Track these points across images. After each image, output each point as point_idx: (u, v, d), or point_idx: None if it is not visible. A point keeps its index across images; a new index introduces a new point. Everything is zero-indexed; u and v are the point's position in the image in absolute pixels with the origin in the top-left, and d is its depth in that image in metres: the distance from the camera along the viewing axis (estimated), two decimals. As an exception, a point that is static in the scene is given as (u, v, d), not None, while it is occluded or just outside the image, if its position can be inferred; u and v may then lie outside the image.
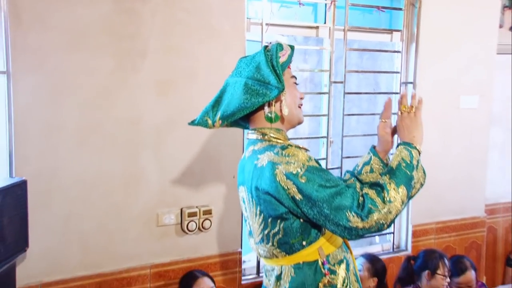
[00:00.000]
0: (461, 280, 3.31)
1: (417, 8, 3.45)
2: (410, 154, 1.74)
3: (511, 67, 4.13)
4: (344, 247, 1.85)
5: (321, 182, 1.62)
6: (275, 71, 1.76)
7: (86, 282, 2.49)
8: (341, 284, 1.77)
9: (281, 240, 1.74)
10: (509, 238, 4.35)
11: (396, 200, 1.61)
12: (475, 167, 3.77)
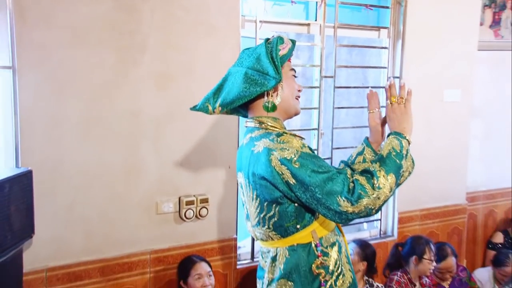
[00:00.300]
0: (442, 266, 3.37)
1: (403, 7, 3.46)
2: (400, 143, 1.73)
3: (491, 63, 4.18)
4: (336, 231, 1.86)
5: (314, 168, 1.62)
6: (274, 63, 1.76)
7: (89, 267, 2.49)
8: (333, 266, 1.78)
9: (276, 223, 1.75)
10: (489, 223, 4.39)
11: (385, 187, 1.61)
12: (457, 157, 3.81)
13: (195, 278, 2.59)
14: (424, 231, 3.68)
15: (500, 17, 4.18)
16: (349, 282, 1.82)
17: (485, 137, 4.28)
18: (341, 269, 1.81)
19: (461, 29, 3.72)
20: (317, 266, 1.76)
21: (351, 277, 1.84)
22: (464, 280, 3.57)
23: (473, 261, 4.26)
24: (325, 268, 1.77)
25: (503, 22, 4.19)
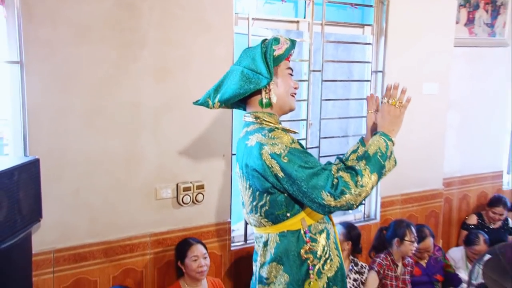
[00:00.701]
0: (421, 246, 3.40)
1: (386, 6, 3.47)
2: (386, 145, 1.72)
3: (466, 59, 4.20)
4: (326, 219, 1.87)
5: (301, 163, 1.64)
6: (267, 63, 1.77)
7: (93, 249, 2.50)
8: (321, 251, 1.80)
9: (268, 211, 1.77)
10: (463, 207, 4.44)
11: (368, 185, 1.62)
12: (435, 146, 3.84)
13: (192, 259, 2.60)
14: (404, 214, 3.72)
15: (474, 16, 4.20)
16: (336, 267, 1.84)
17: (460, 128, 4.31)
18: (329, 254, 1.82)
19: (438, 26, 3.74)
20: (306, 251, 1.77)
21: (339, 262, 1.86)
22: (439, 259, 3.60)
23: (448, 242, 4.32)
24: (313, 253, 1.78)
25: (476, 20, 4.23)
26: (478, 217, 4.28)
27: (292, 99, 1.88)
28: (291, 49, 1.86)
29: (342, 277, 1.86)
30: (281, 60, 1.82)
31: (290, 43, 1.85)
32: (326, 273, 1.81)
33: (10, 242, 1.83)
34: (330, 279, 1.81)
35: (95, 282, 2.52)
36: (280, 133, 1.73)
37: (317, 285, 1.77)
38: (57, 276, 2.42)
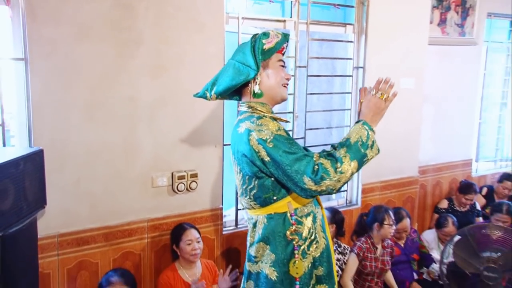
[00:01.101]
0: (399, 227, 3.46)
1: (366, 6, 3.48)
2: (368, 134, 1.70)
3: (439, 56, 4.24)
4: (314, 203, 1.87)
5: (285, 149, 1.65)
6: (255, 56, 1.78)
7: (95, 233, 2.51)
8: (306, 233, 1.80)
9: (256, 194, 1.78)
10: (436, 192, 4.50)
11: (347, 171, 1.62)
12: (411, 136, 3.87)
13: (186, 243, 2.61)
14: (383, 200, 3.75)
15: (446, 17, 4.24)
16: (322, 248, 1.85)
17: (434, 120, 4.35)
18: (315, 236, 1.83)
19: (414, 26, 3.76)
20: (291, 233, 1.78)
21: (325, 244, 1.86)
22: (415, 240, 3.69)
23: (422, 225, 4.38)
24: (299, 234, 1.79)
25: (448, 21, 4.26)
26: (448, 202, 4.35)
27: (284, 90, 1.87)
28: (283, 42, 1.85)
29: (328, 258, 1.87)
30: (272, 53, 1.82)
31: (282, 37, 1.84)
32: (311, 253, 1.82)
33: (17, 227, 1.84)
34: (316, 259, 1.82)
35: (96, 264, 2.52)
36: (268, 120, 1.73)
37: (302, 264, 1.78)
38: (61, 258, 2.42)
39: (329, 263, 1.87)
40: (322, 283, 1.84)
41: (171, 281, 2.63)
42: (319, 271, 1.84)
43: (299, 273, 1.78)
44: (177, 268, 2.67)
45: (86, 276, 2.49)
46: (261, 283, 1.83)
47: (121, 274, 2.42)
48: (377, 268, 3.22)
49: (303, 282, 1.79)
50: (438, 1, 4.14)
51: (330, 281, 1.87)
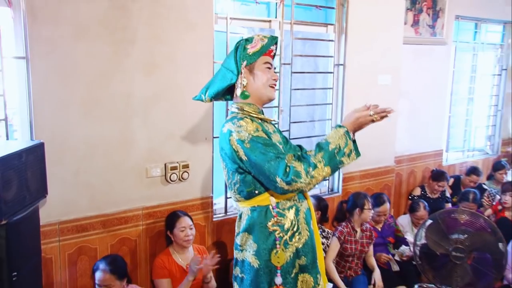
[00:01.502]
0: (380, 210, 3.53)
1: (346, 8, 3.50)
2: (346, 143, 1.68)
3: (413, 54, 4.28)
4: (299, 197, 1.87)
5: (261, 150, 1.67)
6: (236, 61, 1.80)
7: (93, 221, 2.50)
8: (288, 225, 1.81)
9: (239, 188, 1.82)
10: (410, 181, 4.56)
11: (318, 177, 1.64)
12: (388, 129, 3.87)
13: (180, 229, 2.63)
14: (362, 188, 3.80)
15: (419, 19, 4.28)
16: (305, 239, 1.84)
17: (409, 113, 4.39)
18: (298, 228, 1.82)
19: (390, 26, 3.80)
20: (273, 224, 1.79)
21: (308, 236, 1.85)
22: (391, 224, 3.75)
23: (398, 210, 4.43)
24: (280, 226, 1.80)
25: (421, 22, 4.30)
26: (421, 189, 4.42)
27: (270, 90, 1.85)
28: (270, 45, 1.83)
29: (312, 249, 1.87)
30: (258, 56, 1.81)
31: (268, 40, 1.83)
32: (294, 244, 1.82)
33: (21, 215, 1.85)
34: (299, 249, 1.82)
35: (95, 249, 2.52)
36: (247, 122, 1.74)
37: (283, 254, 1.79)
38: (62, 244, 2.42)
39: (313, 254, 1.87)
40: (305, 272, 1.85)
41: (165, 265, 2.65)
42: (302, 261, 1.84)
43: (281, 262, 1.79)
44: (171, 252, 2.69)
45: (86, 261, 2.49)
46: (246, 270, 1.85)
47: (109, 262, 2.40)
48: (356, 250, 3.29)
49: (284, 271, 1.80)
50: (412, 4, 4.19)
51: (313, 270, 1.87)
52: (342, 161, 1.69)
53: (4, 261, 1.77)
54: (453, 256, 2.91)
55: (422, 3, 4.27)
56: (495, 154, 5.68)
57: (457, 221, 2.98)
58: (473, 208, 3.74)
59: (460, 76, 5.16)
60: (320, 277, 1.90)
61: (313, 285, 1.85)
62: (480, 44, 5.24)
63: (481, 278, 2.95)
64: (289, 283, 1.81)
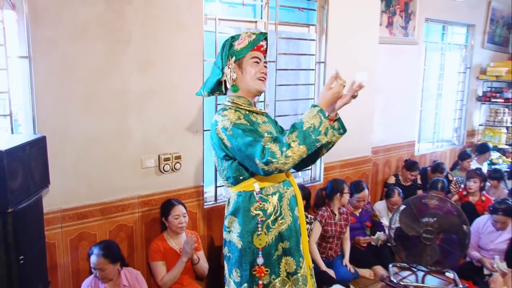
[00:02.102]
0: (360, 196, 3.61)
1: (326, 10, 3.54)
2: (321, 122, 1.64)
3: (388, 53, 4.31)
4: (285, 184, 1.87)
5: (241, 135, 1.68)
6: (222, 58, 1.83)
7: (92, 209, 2.52)
8: (271, 210, 1.81)
9: (227, 174, 1.84)
10: (386, 170, 4.65)
11: (294, 155, 1.60)
12: (365, 122, 3.99)
13: (174, 217, 2.65)
14: (342, 176, 3.84)
15: (393, 20, 4.34)
16: (288, 224, 1.84)
17: (384, 108, 4.46)
18: (280, 213, 1.82)
19: (366, 27, 3.85)
20: (255, 209, 1.80)
21: (291, 221, 1.84)
22: (368, 210, 3.85)
23: (375, 197, 4.52)
24: (263, 210, 1.80)
25: (394, 24, 4.36)
26: (395, 178, 4.51)
27: (258, 83, 1.83)
28: (257, 40, 1.81)
29: (296, 233, 1.86)
30: (246, 52, 1.80)
31: (256, 36, 1.81)
32: (277, 228, 1.81)
33: (26, 204, 1.87)
34: (282, 233, 1.83)
35: (95, 235, 2.54)
36: (231, 112, 1.76)
37: (265, 237, 1.79)
38: (64, 230, 2.44)
39: (297, 238, 1.86)
40: (288, 256, 1.85)
41: (160, 249, 2.68)
42: (285, 245, 1.84)
43: (262, 244, 1.80)
44: (165, 238, 2.72)
45: (86, 245, 2.50)
46: (231, 250, 1.88)
47: (103, 247, 2.40)
48: (336, 231, 3.38)
49: (267, 252, 1.81)
50: (386, 7, 4.24)
51: (296, 254, 1.86)
52: (319, 139, 1.63)
53: (12, 245, 1.79)
54: (424, 238, 3.00)
55: (396, 6, 4.34)
56: (461, 144, 5.83)
57: (427, 206, 3.08)
58: (441, 195, 3.86)
59: (430, 73, 5.26)
60: (302, 261, 1.89)
61: (295, 267, 1.85)
62: (447, 45, 5.36)
63: (448, 256, 3.07)
64: (272, 264, 1.82)
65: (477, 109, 6.06)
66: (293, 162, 1.63)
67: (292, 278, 1.86)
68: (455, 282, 2.69)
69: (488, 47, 5.84)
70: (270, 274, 1.82)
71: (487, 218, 3.59)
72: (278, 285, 1.83)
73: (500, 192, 4.47)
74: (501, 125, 5.91)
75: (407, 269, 2.86)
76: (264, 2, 3.20)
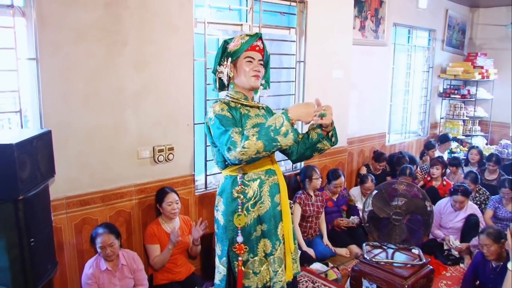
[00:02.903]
0: (337, 182, 3.72)
1: (305, 14, 3.60)
2: (282, 124, 1.60)
3: (361, 53, 4.40)
4: (268, 172, 1.87)
5: (219, 126, 1.71)
6: (215, 60, 1.89)
7: (94, 196, 2.54)
8: (251, 194, 1.83)
9: (216, 159, 1.89)
10: (360, 159, 4.77)
11: (250, 148, 1.59)
12: (341, 115, 4.03)
13: (168, 204, 2.69)
14: (320, 165, 3.93)
15: (365, 24, 4.45)
16: (267, 209, 1.84)
17: (358, 102, 4.57)
18: (260, 197, 1.83)
19: (342, 30, 3.93)
20: (237, 192, 1.82)
21: (270, 206, 1.84)
22: (344, 195, 3.95)
23: (350, 183, 4.65)
24: (244, 194, 1.82)
25: (366, 27, 4.47)
26: (366, 168, 4.63)
27: (252, 79, 1.83)
28: (250, 41, 1.81)
29: (274, 217, 1.85)
30: (240, 52, 1.81)
31: (248, 38, 1.82)
32: (256, 211, 1.83)
33: (34, 192, 1.90)
34: (261, 216, 1.84)
35: (96, 220, 2.57)
36: (217, 104, 1.79)
37: (244, 218, 1.81)
38: (69, 216, 2.46)
39: (275, 222, 1.85)
40: (265, 238, 1.85)
41: (155, 232, 2.73)
42: (263, 227, 1.85)
43: (241, 224, 1.82)
44: (160, 222, 2.77)
45: (89, 229, 2.53)
46: (217, 226, 1.93)
47: (105, 226, 2.45)
48: (314, 211, 3.49)
49: (246, 232, 1.83)
50: (359, 12, 4.33)
51: (273, 237, 1.85)
52: (277, 139, 1.59)
53: (23, 229, 1.82)
54: (393, 219, 3.08)
55: (367, 11, 4.43)
56: (426, 135, 6.01)
57: (397, 190, 3.17)
58: (409, 180, 4.01)
59: (398, 72, 5.39)
60: (279, 244, 1.87)
61: (271, 249, 1.85)
62: (412, 47, 5.52)
63: (414, 234, 3.17)
64: (251, 243, 1.84)
65: (439, 104, 6.25)
66: (250, 155, 1.60)
67: (268, 258, 1.87)
68: (420, 257, 2.81)
69: (447, 49, 6.05)
70: (249, 252, 1.85)
71: (447, 200, 3.77)
72: (255, 264, 1.86)
73: (458, 177, 4.66)
74: (459, 118, 6.14)
75: (379, 247, 2.95)
76: (249, 7, 3.24)
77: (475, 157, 4.96)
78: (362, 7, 4.39)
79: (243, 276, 1.86)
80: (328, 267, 3.21)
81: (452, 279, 3.31)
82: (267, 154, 1.65)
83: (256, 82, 1.85)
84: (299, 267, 2.03)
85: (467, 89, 6.11)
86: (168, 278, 2.77)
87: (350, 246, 3.66)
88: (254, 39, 1.84)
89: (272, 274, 1.86)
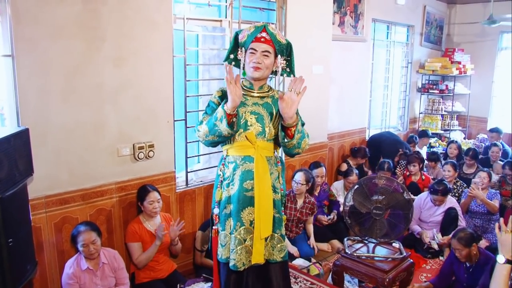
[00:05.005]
0: (317, 171, 3.79)
1: (284, 10, 3.66)
2: (219, 111, 1.82)
3: (340, 49, 4.53)
4: (246, 159, 1.95)
5: (205, 108, 1.99)
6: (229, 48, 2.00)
7: (74, 194, 2.55)
8: (227, 175, 1.98)
9: None
10: (340, 154, 4.88)
11: (201, 130, 1.90)
12: (321, 110, 4.15)
13: (149, 202, 2.72)
14: (301, 161, 4.02)
15: (344, 20, 4.54)
16: (235, 191, 1.95)
17: (339, 97, 4.66)
18: (232, 179, 1.95)
19: (321, 26, 4.00)
20: (220, 170, 2.02)
21: (238, 189, 1.93)
22: (326, 190, 4.04)
23: (331, 178, 4.74)
24: (223, 173, 2.00)
25: (346, 23, 4.57)
26: (347, 164, 4.73)
27: (251, 70, 1.91)
28: (255, 33, 1.87)
29: (239, 201, 1.94)
30: (248, 43, 1.89)
31: (254, 29, 1.88)
32: (228, 191, 1.97)
33: (12, 191, 1.89)
34: (230, 197, 1.97)
35: (76, 219, 2.58)
36: (217, 91, 2.00)
37: (220, 193, 1.99)
38: (49, 215, 2.47)
39: (239, 206, 1.94)
40: (230, 217, 1.98)
41: (136, 230, 2.75)
42: (230, 207, 1.97)
43: (217, 198, 2.00)
44: (141, 220, 2.79)
45: (69, 228, 2.54)
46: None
47: (86, 223, 2.47)
48: (295, 216, 3.46)
49: (221, 206, 1.99)
50: (338, 8, 4.43)
51: (235, 218, 1.95)
52: (216, 124, 1.83)
53: (1, 229, 1.81)
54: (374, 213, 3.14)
55: (346, 7, 4.53)
56: (405, 130, 6.18)
57: (377, 185, 3.26)
58: (388, 175, 4.13)
59: (377, 67, 5.53)
60: (240, 225, 1.95)
61: (231, 229, 1.97)
62: (391, 42, 5.68)
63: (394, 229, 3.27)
64: (222, 218, 2.01)
65: (417, 99, 6.44)
66: (202, 137, 1.91)
67: (230, 236, 1.99)
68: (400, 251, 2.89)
69: (425, 45, 6.25)
70: (220, 224, 2.02)
71: (426, 195, 3.91)
72: (221, 237, 2.02)
73: (437, 171, 4.84)
74: (437, 113, 6.35)
75: (360, 241, 3.01)
76: (228, 3, 3.28)
77: (453, 152, 5.14)
78: (341, 2, 4.48)
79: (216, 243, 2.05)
80: (310, 262, 3.26)
81: (432, 271, 3.43)
82: (217, 139, 1.89)
83: (255, 73, 1.90)
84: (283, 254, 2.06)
85: (445, 84, 6.33)
86: (150, 276, 2.80)
87: (332, 241, 3.73)
88: (258, 30, 1.88)
89: (230, 250, 1.99)
